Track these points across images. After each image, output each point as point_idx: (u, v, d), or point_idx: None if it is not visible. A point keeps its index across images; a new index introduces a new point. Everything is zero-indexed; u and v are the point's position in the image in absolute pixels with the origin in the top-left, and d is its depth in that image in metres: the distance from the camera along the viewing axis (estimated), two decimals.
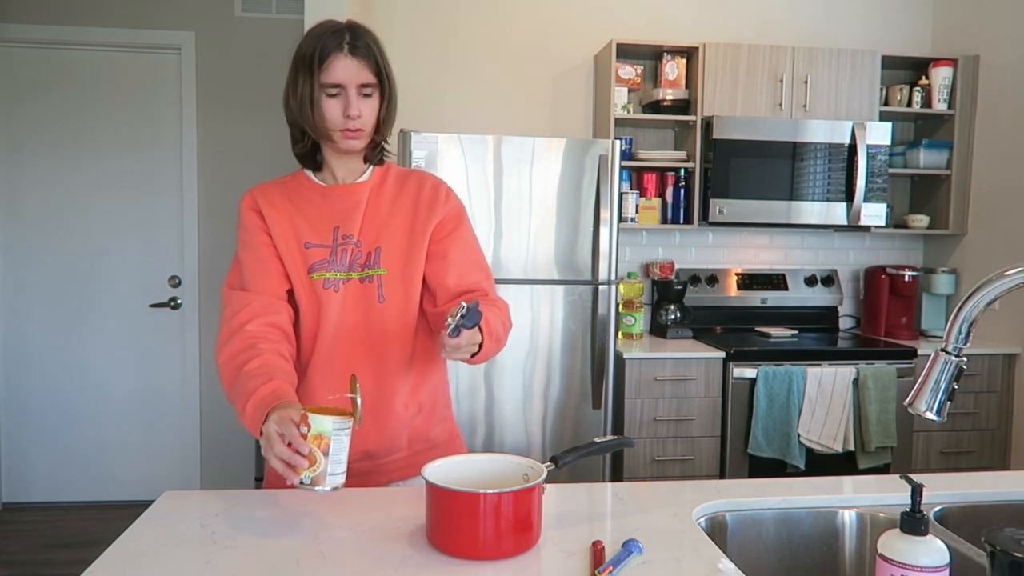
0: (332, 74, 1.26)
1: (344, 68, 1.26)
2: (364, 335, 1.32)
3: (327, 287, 1.31)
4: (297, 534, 1.05)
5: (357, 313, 1.32)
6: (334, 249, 1.32)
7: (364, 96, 1.28)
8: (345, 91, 1.27)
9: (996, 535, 0.87)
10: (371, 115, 1.30)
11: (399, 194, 1.37)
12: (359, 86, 1.27)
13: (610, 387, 2.84)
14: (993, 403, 3.15)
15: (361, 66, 1.27)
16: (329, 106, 1.28)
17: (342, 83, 1.26)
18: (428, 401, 1.40)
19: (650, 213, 3.35)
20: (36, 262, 3.53)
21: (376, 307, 1.32)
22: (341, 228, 1.33)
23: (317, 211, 1.34)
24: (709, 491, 1.24)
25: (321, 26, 1.31)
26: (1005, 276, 0.91)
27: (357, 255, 1.32)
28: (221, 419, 3.65)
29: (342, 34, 1.28)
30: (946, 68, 3.37)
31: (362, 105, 1.28)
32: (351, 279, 1.32)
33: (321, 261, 1.32)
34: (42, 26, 3.43)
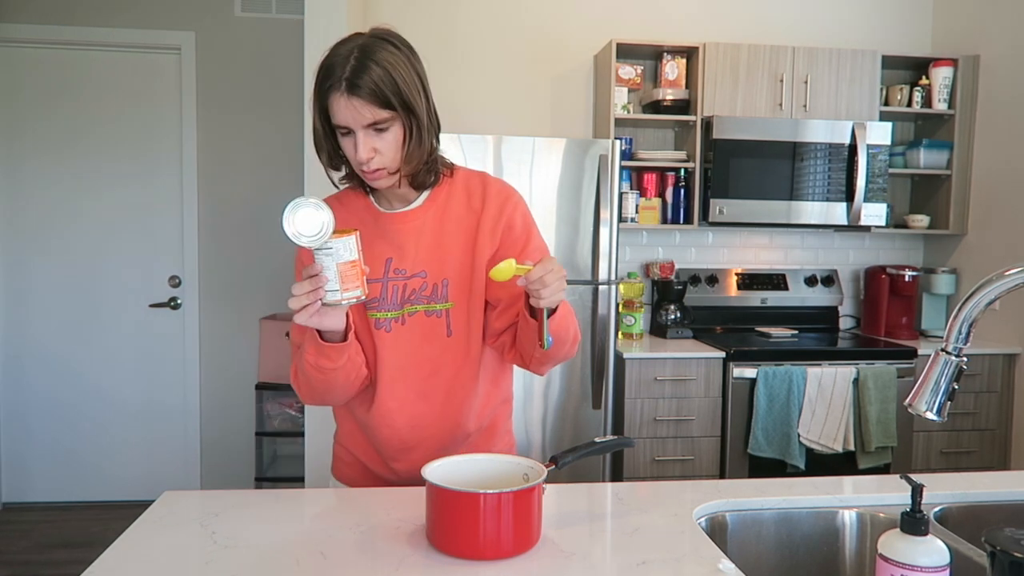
0: (336, 115, 1.15)
1: (345, 110, 1.13)
2: (431, 369, 1.27)
3: (378, 327, 1.26)
4: (297, 534, 1.05)
5: (424, 348, 1.26)
6: (384, 284, 1.26)
7: (377, 131, 1.16)
8: (352, 131, 1.16)
9: (996, 535, 0.87)
10: (391, 150, 1.17)
11: (464, 214, 1.27)
12: (365, 127, 1.15)
13: (610, 387, 2.84)
14: (993, 403, 3.15)
15: (364, 105, 1.12)
16: (345, 145, 1.19)
17: (346, 125, 1.15)
18: (488, 420, 1.36)
19: (650, 213, 3.35)
20: (36, 262, 3.53)
21: (445, 342, 1.27)
22: (394, 260, 1.26)
23: (370, 239, 1.26)
24: (709, 491, 1.24)
25: (332, 51, 1.16)
26: (1005, 276, 0.91)
27: (422, 287, 1.26)
28: (221, 419, 3.65)
29: (344, 67, 1.12)
30: (946, 68, 3.37)
31: (376, 142, 1.16)
32: (414, 313, 1.26)
33: (373, 299, 1.25)
34: (42, 26, 3.43)
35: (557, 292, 1.11)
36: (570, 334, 1.25)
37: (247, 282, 3.62)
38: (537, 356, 1.25)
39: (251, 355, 3.62)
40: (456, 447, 1.31)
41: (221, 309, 3.63)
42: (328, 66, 1.14)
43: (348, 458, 1.38)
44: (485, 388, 1.33)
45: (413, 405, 1.28)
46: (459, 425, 1.30)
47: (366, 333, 1.27)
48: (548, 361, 1.27)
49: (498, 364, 1.35)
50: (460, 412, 1.30)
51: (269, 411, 3.39)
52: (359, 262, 1.08)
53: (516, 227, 1.28)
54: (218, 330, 3.64)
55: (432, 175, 1.26)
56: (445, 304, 1.26)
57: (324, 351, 1.17)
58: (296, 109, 3.50)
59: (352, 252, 1.06)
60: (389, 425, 1.28)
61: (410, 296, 1.26)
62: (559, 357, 1.27)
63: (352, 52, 1.14)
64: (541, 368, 1.30)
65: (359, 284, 1.08)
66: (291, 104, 3.53)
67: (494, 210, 1.27)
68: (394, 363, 1.26)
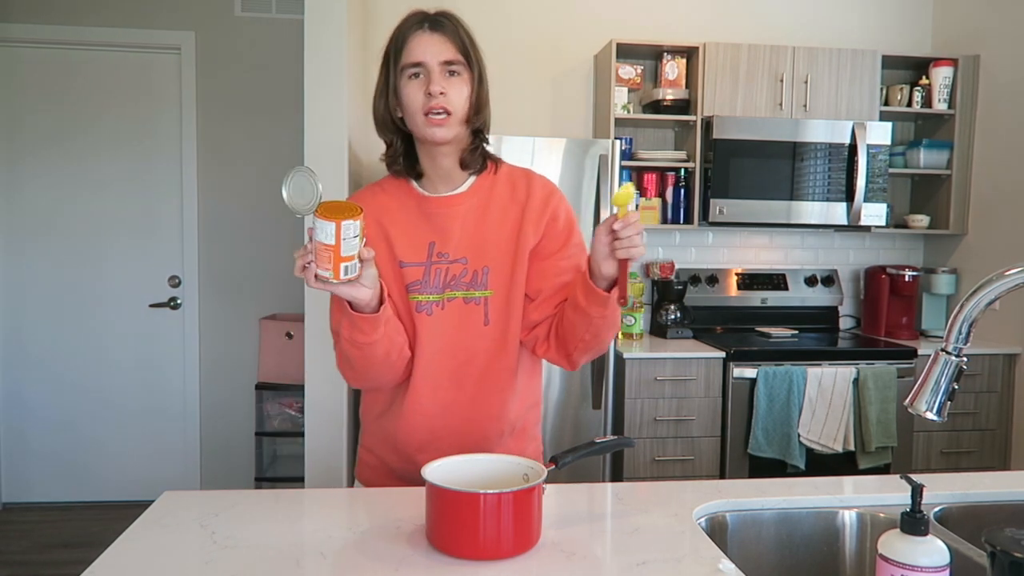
0: (411, 53, 1.18)
1: (424, 44, 1.17)
2: (466, 357, 1.27)
3: (420, 310, 1.26)
4: (297, 534, 1.05)
5: (461, 334, 1.26)
6: (427, 268, 1.26)
7: (449, 75, 1.19)
8: (426, 69, 1.18)
9: (996, 535, 0.87)
10: (459, 98, 1.19)
11: (508, 204, 1.28)
12: (442, 63, 1.17)
13: (610, 387, 2.84)
14: (993, 403, 3.15)
15: (444, 41, 1.18)
16: (411, 88, 1.19)
17: (422, 61, 1.17)
18: (521, 422, 1.34)
19: (650, 213, 3.35)
20: (36, 261, 3.53)
21: (482, 330, 1.26)
22: (437, 244, 1.26)
23: (414, 224, 1.27)
24: (709, 491, 1.24)
25: (410, 12, 1.23)
26: (1005, 276, 0.91)
27: (462, 273, 1.25)
28: (221, 419, 3.65)
29: (424, 14, 1.21)
30: (946, 68, 3.37)
31: (447, 84, 1.18)
32: (453, 299, 1.26)
33: (416, 282, 1.25)
34: (42, 26, 3.43)
35: (642, 249, 1.14)
36: (618, 319, 1.25)
37: (247, 282, 3.62)
38: (587, 338, 1.23)
39: (251, 355, 3.62)
40: (489, 448, 1.29)
41: (221, 309, 3.63)
42: (408, 17, 1.22)
43: (373, 461, 1.37)
44: (520, 382, 1.31)
45: (445, 391, 1.27)
46: (491, 419, 1.29)
47: (408, 315, 1.27)
48: (593, 346, 1.24)
49: (531, 362, 1.34)
50: (492, 404, 1.29)
51: (269, 411, 3.39)
52: (334, 248, 1.06)
53: (560, 220, 1.29)
54: (218, 330, 3.64)
55: (481, 158, 1.28)
56: (484, 292, 1.26)
57: (356, 323, 1.16)
58: (296, 109, 3.50)
59: (329, 236, 1.05)
60: (420, 412, 1.27)
61: (451, 281, 1.26)
62: (606, 341, 1.25)
63: (431, 11, 1.23)
64: (583, 355, 1.26)
65: (329, 267, 1.07)
66: (291, 104, 3.53)
67: (539, 201, 1.28)
68: (431, 347, 1.26)
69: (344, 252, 1.06)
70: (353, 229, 1.06)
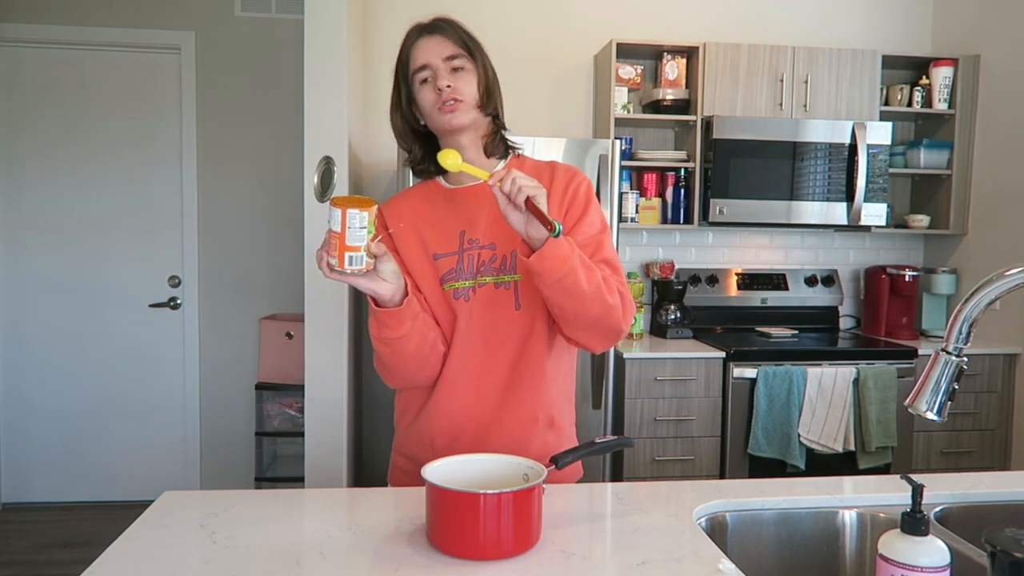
0: (416, 59, 1.26)
1: (425, 47, 1.26)
2: (500, 342, 1.28)
3: (458, 297, 1.28)
4: (297, 534, 1.05)
5: (492, 319, 1.27)
6: (460, 256, 1.29)
7: (455, 70, 1.26)
8: (432, 69, 1.25)
9: (996, 535, 0.87)
10: (468, 88, 1.27)
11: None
12: (445, 59, 1.25)
13: (610, 387, 2.84)
14: (993, 403, 3.15)
15: (442, 40, 1.26)
16: (424, 91, 1.27)
17: (427, 63, 1.25)
18: (558, 416, 1.33)
19: (650, 213, 3.35)
20: (36, 261, 3.53)
21: (512, 314, 1.27)
22: (467, 232, 1.30)
23: (443, 217, 1.31)
24: (709, 491, 1.24)
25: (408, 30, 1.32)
26: (1005, 276, 0.91)
27: (491, 259, 1.27)
28: (221, 419, 3.65)
29: (421, 23, 1.29)
30: (946, 68, 3.37)
31: (453, 78, 1.26)
32: (484, 284, 1.27)
33: (450, 271, 1.28)
34: (42, 26, 3.43)
35: (534, 183, 1.10)
36: (589, 287, 1.16)
37: (247, 282, 3.62)
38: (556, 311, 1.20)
39: (251, 355, 3.62)
40: (518, 430, 1.28)
41: (221, 309, 3.63)
42: (409, 30, 1.30)
43: (407, 465, 1.36)
44: (552, 371, 1.31)
45: (480, 377, 1.27)
46: (526, 407, 1.28)
47: (444, 305, 1.29)
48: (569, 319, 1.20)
49: (562, 349, 1.34)
50: (526, 391, 1.28)
51: (269, 411, 3.39)
52: (339, 236, 1.09)
53: (579, 197, 1.30)
54: (218, 330, 3.64)
55: (503, 145, 1.34)
56: (513, 276, 1.27)
57: (380, 319, 1.19)
58: (296, 109, 3.50)
59: (336, 224, 1.09)
60: (458, 400, 1.28)
61: (481, 267, 1.28)
62: (582, 313, 1.19)
63: (428, 18, 1.30)
64: (571, 330, 1.23)
65: (335, 255, 1.10)
66: (291, 104, 3.53)
67: (562, 183, 1.31)
68: (467, 333, 1.27)
69: (349, 241, 1.09)
70: (359, 220, 1.09)
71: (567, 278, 1.14)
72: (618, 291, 1.23)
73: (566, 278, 1.14)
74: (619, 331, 1.24)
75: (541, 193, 1.11)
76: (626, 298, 1.25)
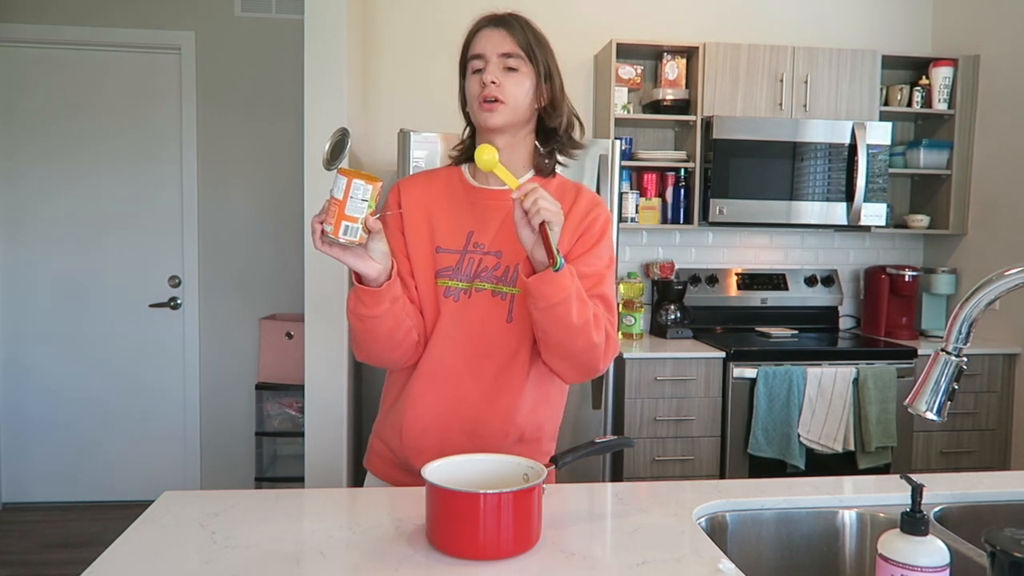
0: (474, 47, 1.25)
1: (485, 38, 1.25)
2: (486, 349, 1.27)
3: (448, 296, 1.28)
4: (297, 534, 1.05)
5: (482, 326, 1.27)
6: (462, 256, 1.28)
7: (507, 69, 1.24)
8: (485, 61, 1.24)
9: (996, 535, 0.87)
10: (515, 90, 1.24)
11: None
12: (499, 55, 1.23)
13: (610, 387, 2.84)
14: (993, 403, 3.15)
15: (503, 35, 1.24)
16: (471, 81, 1.26)
17: (481, 53, 1.24)
18: (532, 430, 1.32)
19: (650, 213, 3.35)
20: (36, 261, 3.53)
21: (503, 326, 1.27)
22: (475, 234, 1.29)
23: (457, 212, 1.30)
24: (709, 491, 1.24)
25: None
26: (1005, 276, 0.91)
27: (495, 266, 1.27)
28: (221, 419, 3.65)
29: (492, 14, 1.27)
30: (946, 68, 3.37)
31: (503, 76, 1.23)
32: (481, 290, 1.27)
33: (447, 268, 1.28)
34: (43, 26, 3.43)
35: (554, 209, 1.10)
36: (579, 320, 1.17)
37: (247, 282, 3.62)
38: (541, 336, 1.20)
39: (251, 355, 3.62)
40: (488, 441, 1.28)
41: (221, 309, 3.63)
42: (479, 18, 1.28)
43: (383, 450, 1.37)
44: (534, 392, 1.30)
45: (460, 378, 1.27)
46: (500, 418, 1.27)
47: (433, 299, 1.28)
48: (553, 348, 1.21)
49: (553, 377, 1.33)
50: (503, 403, 1.27)
51: (269, 411, 3.39)
52: (340, 203, 1.09)
53: (595, 228, 1.29)
54: (218, 330, 3.64)
55: (549, 161, 1.32)
56: (512, 289, 1.27)
57: (360, 295, 1.19)
58: (296, 109, 3.50)
59: (339, 191, 1.09)
60: (434, 392, 1.27)
61: (480, 272, 1.27)
62: (567, 346, 1.19)
63: (503, 10, 1.29)
64: (552, 358, 1.24)
65: (332, 222, 1.10)
66: (291, 104, 3.53)
67: (583, 209, 1.30)
68: (452, 334, 1.27)
69: (348, 210, 1.09)
70: (363, 191, 1.09)
71: (559, 307, 1.15)
72: (606, 331, 1.23)
73: (558, 307, 1.15)
74: (596, 370, 1.25)
75: (558, 221, 1.11)
76: (611, 339, 1.25)
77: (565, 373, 1.27)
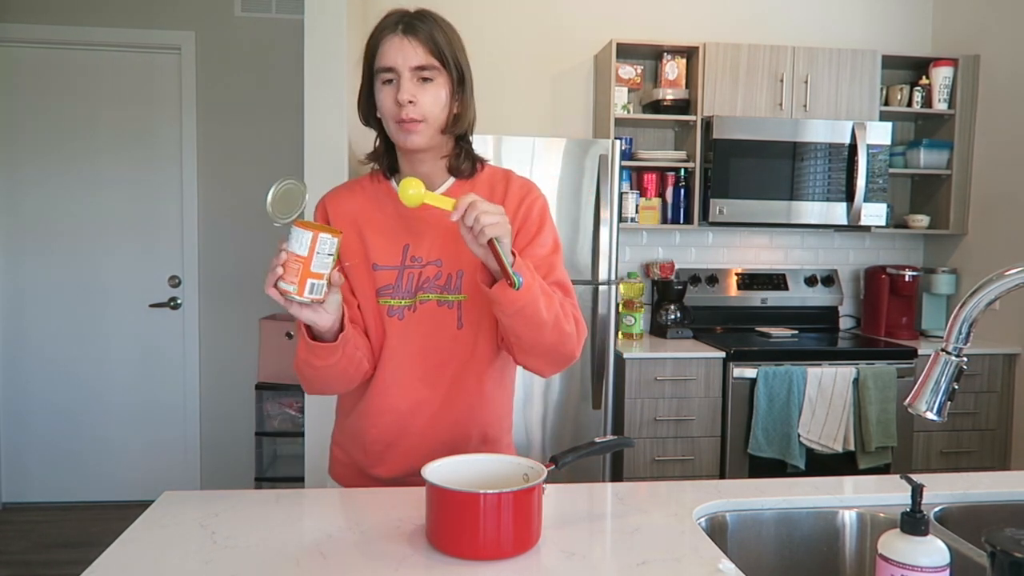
0: (383, 58, 1.16)
1: (395, 49, 1.15)
2: (439, 360, 1.25)
3: (392, 315, 1.24)
4: (297, 534, 1.05)
5: (432, 337, 1.24)
6: (400, 272, 1.24)
7: (422, 81, 1.16)
8: (397, 75, 1.15)
9: (996, 535, 0.87)
10: (433, 105, 1.17)
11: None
12: (413, 68, 1.14)
13: (610, 387, 2.84)
14: (993, 403, 3.15)
15: (416, 46, 1.14)
16: (383, 94, 1.17)
17: (393, 66, 1.15)
18: (494, 432, 1.32)
19: (650, 213, 3.35)
20: (36, 262, 3.53)
21: (454, 333, 1.24)
22: (411, 247, 1.24)
23: (389, 225, 1.25)
24: (709, 491, 1.24)
25: (389, 12, 1.20)
26: (1005, 276, 0.91)
27: (436, 275, 1.23)
28: (221, 419, 3.65)
29: (401, 15, 1.17)
30: (946, 68, 3.37)
31: (418, 91, 1.15)
32: (426, 301, 1.24)
33: (387, 286, 1.24)
34: (42, 26, 3.43)
35: (498, 221, 1.04)
36: (548, 315, 1.14)
37: (247, 282, 3.62)
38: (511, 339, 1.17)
39: (251, 355, 3.62)
40: (455, 448, 1.28)
41: (221, 309, 3.63)
42: (385, 17, 1.18)
43: (344, 459, 1.36)
44: (491, 390, 1.30)
45: (416, 390, 1.26)
46: (461, 423, 1.28)
47: (376, 318, 1.25)
48: (527, 347, 1.19)
49: (502, 372, 1.33)
50: (462, 408, 1.27)
51: (269, 411, 3.39)
52: (304, 260, 1.03)
53: (532, 216, 1.26)
54: (218, 330, 3.64)
55: (469, 162, 1.26)
56: (458, 296, 1.24)
57: (312, 349, 1.15)
58: (296, 109, 3.50)
59: (303, 247, 1.02)
60: (390, 410, 1.26)
61: (423, 284, 1.24)
62: (540, 342, 1.17)
63: (409, 10, 1.19)
64: (524, 356, 1.22)
65: (295, 281, 1.03)
66: (291, 104, 3.53)
67: (515, 202, 1.26)
68: (402, 351, 1.25)
69: (314, 267, 1.03)
70: (329, 246, 1.03)
71: (527, 308, 1.11)
72: (573, 317, 1.21)
73: (526, 308, 1.11)
74: (572, 358, 1.23)
75: (506, 233, 1.05)
76: (580, 324, 1.22)
77: (543, 368, 1.25)
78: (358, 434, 1.31)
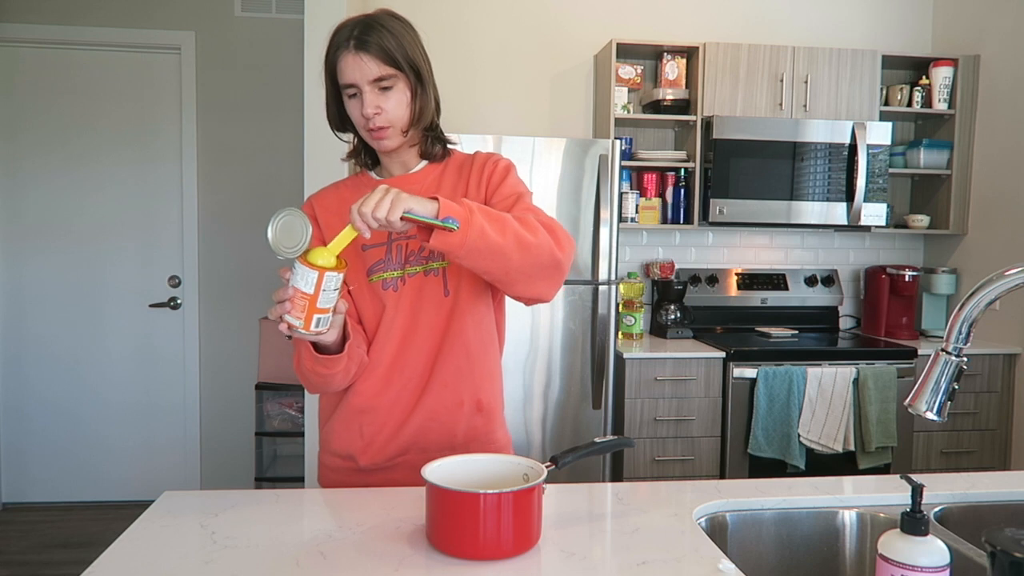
0: (343, 75, 1.23)
1: (351, 66, 1.21)
2: (427, 329, 1.30)
3: (386, 288, 1.29)
4: (297, 534, 1.05)
5: (422, 308, 1.29)
6: (388, 246, 1.29)
7: (383, 90, 1.22)
8: (359, 89, 1.22)
9: (996, 535, 0.87)
10: (397, 109, 1.24)
11: (456, 181, 1.32)
12: (371, 82, 1.21)
13: (610, 387, 2.84)
14: (993, 403, 3.15)
15: (370, 60, 1.20)
16: (351, 107, 1.25)
17: (353, 83, 1.22)
18: (488, 400, 1.35)
19: (650, 213, 3.35)
20: (36, 262, 3.53)
21: (441, 300, 1.29)
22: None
23: None
24: (709, 491, 1.24)
25: (339, 25, 1.26)
26: (1005, 276, 0.91)
27: (420, 248, 1.28)
28: (221, 419, 3.65)
29: (351, 29, 1.22)
30: (946, 68, 3.37)
31: (381, 100, 1.22)
32: (414, 274, 1.29)
33: (378, 262, 1.29)
34: (42, 26, 3.43)
35: (382, 198, 1.04)
36: (506, 238, 1.11)
37: (247, 282, 3.62)
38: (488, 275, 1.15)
39: (251, 355, 3.62)
40: (454, 424, 1.31)
41: (221, 309, 3.63)
42: (336, 32, 1.24)
43: (337, 463, 1.37)
44: (477, 350, 1.33)
45: (403, 363, 1.30)
46: (451, 390, 1.30)
47: (372, 297, 1.30)
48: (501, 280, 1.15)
49: (490, 330, 1.36)
50: (451, 374, 1.30)
51: (269, 411, 3.39)
52: (311, 298, 1.04)
53: (496, 172, 1.31)
54: (218, 330, 3.64)
55: (438, 146, 1.34)
56: (442, 263, 1.29)
57: (320, 361, 1.20)
58: (296, 109, 3.50)
59: (309, 285, 1.04)
60: (379, 383, 1.29)
61: (409, 257, 1.29)
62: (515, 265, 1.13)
63: (359, 20, 1.24)
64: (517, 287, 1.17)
65: (301, 316, 1.05)
66: (291, 104, 3.53)
67: (479, 168, 1.32)
68: (393, 323, 1.29)
69: (320, 304, 1.06)
70: (335, 281, 1.05)
71: (478, 241, 1.08)
72: (541, 224, 1.17)
73: (477, 241, 1.08)
74: (559, 264, 1.17)
75: (399, 200, 1.04)
76: (554, 230, 1.18)
77: (538, 290, 1.19)
78: (353, 423, 1.32)
